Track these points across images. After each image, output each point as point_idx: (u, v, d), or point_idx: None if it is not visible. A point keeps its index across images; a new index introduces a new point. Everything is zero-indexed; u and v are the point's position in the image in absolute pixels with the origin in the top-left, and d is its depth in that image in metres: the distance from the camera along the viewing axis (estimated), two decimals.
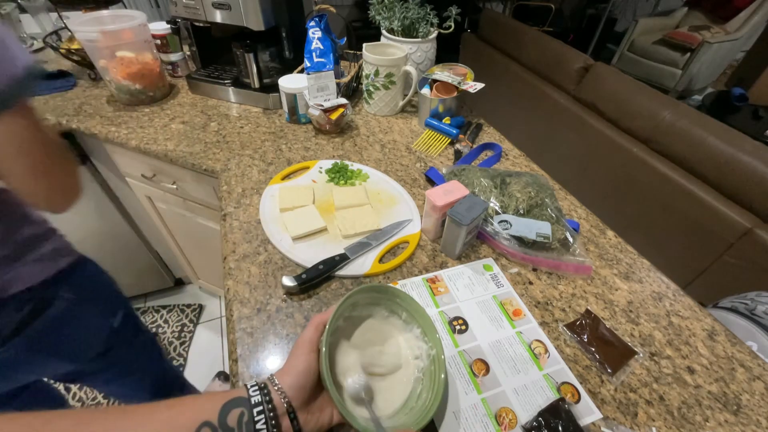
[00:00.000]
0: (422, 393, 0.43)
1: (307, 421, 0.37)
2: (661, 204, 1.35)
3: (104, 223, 1.23)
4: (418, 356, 0.46)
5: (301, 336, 0.40)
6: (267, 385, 0.36)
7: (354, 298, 0.43)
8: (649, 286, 0.61)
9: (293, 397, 0.36)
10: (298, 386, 0.36)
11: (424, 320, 0.45)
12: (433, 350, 0.44)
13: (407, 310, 0.47)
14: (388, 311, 0.47)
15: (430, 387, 0.42)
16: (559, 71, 1.72)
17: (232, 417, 0.33)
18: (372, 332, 0.46)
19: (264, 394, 0.35)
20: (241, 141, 0.89)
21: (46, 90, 1.05)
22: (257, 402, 0.34)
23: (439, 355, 0.43)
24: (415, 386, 0.44)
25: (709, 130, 1.23)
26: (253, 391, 0.35)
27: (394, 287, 0.47)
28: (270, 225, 0.65)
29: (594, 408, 0.46)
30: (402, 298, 0.46)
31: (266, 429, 0.33)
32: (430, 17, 0.99)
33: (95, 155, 1.07)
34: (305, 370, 0.37)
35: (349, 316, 0.45)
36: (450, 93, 0.91)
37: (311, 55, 0.93)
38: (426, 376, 0.44)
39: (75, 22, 0.90)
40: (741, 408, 0.47)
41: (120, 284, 0.78)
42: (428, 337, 0.45)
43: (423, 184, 0.78)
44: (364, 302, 0.46)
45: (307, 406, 0.37)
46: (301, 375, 0.37)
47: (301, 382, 0.36)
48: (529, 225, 0.63)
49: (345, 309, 0.42)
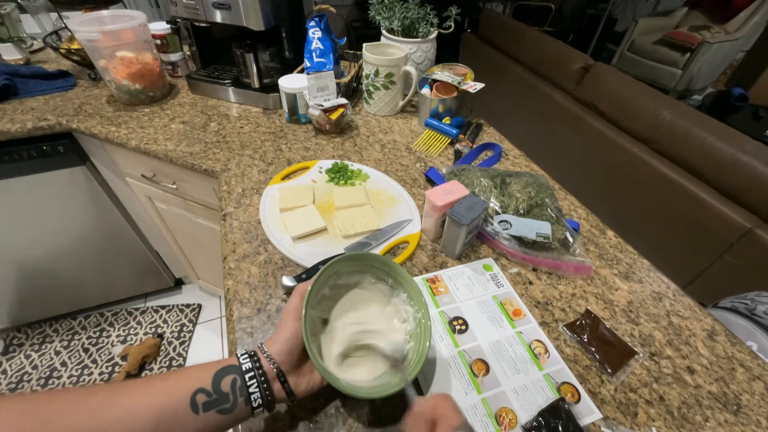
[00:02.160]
0: (408, 354, 0.44)
1: (298, 383, 0.39)
2: (661, 204, 1.35)
3: (104, 223, 1.23)
4: (405, 320, 0.47)
5: (288, 304, 0.42)
6: (256, 353, 0.38)
7: (335, 267, 0.44)
8: (649, 286, 0.61)
9: (282, 362, 0.38)
10: (286, 352, 0.38)
11: (410, 285, 0.46)
12: (419, 312, 0.45)
13: (392, 276, 0.48)
14: (375, 278, 0.48)
15: (415, 349, 0.43)
16: (559, 71, 1.72)
17: (225, 383, 0.35)
18: (359, 299, 0.48)
19: (254, 361, 0.37)
20: (241, 141, 0.89)
21: (46, 90, 1.05)
22: (248, 368, 0.36)
23: (426, 318, 0.44)
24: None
25: (709, 130, 1.23)
26: (243, 359, 0.37)
27: (375, 255, 0.47)
28: (270, 225, 0.65)
29: (594, 408, 0.46)
30: (385, 264, 0.47)
31: (259, 392, 0.36)
32: (430, 17, 0.99)
33: (95, 155, 1.07)
34: (292, 336, 0.39)
35: (335, 284, 0.47)
36: (450, 93, 0.91)
37: (311, 55, 0.93)
38: (413, 338, 0.45)
39: (75, 22, 0.90)
40: (741, 408, 0.47)
41: (120, 284, 0.78)
42: (414, 301, 0.46)
43: (423, 184, 0.78)
44: (348, 270, 0.47)
45: (297, 370, 0.39)
46: (288, 341, 0.39)
47: (288, 348, 0.38)
48: (529, 225, 0.63)
49: (328, 277, 0.44)
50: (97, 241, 1.27)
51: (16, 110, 0.97)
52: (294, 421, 0.43)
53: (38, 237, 1.18)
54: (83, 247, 1.27)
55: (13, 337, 1.48)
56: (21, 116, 0.95)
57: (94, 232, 1.24)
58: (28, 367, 1.40)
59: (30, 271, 1.27)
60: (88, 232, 1.23)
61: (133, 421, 0.31)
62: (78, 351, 1.45)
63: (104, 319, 1.55)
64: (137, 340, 1.49)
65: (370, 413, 0.44)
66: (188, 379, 0.34)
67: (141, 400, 0.32)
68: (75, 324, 1.53)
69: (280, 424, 0.43)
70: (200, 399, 0.33)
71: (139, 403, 0.32)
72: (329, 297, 0.47)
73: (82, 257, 1.30)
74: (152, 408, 0.32)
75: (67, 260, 1.28)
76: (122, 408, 0.31)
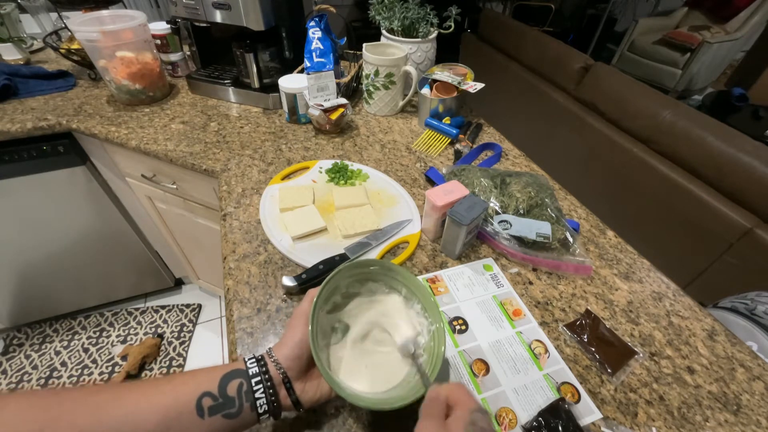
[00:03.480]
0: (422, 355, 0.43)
1: (305, 390, 0.38)
2: (661, 204, 1.35)
3: (104, 223, 1.23)
4: (419, 332, 0.45)
5: (298, 308, 0.41)
6: (264, 358, 0.38)
7: (350, 271, 0.43)
8: (649, 286, 0.61)
9: (289, 368, 0.37)
10: (294, 356, 0.38)
11: (424, 296, 0.45)
12: (434, 325, 0.44)
13: (406, 286, 0.46)
14: (388, 288, 0.47)
15: (428, 361, 0.42)
16: (559, 71, 1.72)
17: (231, 387, 0.35)
18: (371, 309, 0.47)
19: (261, 365, 0.37)
20: (241, 141, 0.89)
21: (46, 90, 1.05)
22: (254, 373, 0.36)
23: (441, 330, 0.43)
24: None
25: (709, 130, 1.23)
26: (250, 363, 0.37)
27: (389, 263, 0.46)
28: (270, 225, 0.65)
29: (594, 408, 0.46)
30: (398, 273, 0.46)
31: (265, 398, 0.35)
32: (430, 17, 0.99)
33: (95, 155, 1.07)
34: (300, 340, 0.38)
35: (348, 293, 0.46)
36: (450, 93, 0.91)
37: (311, 55, 0.93)
38: (426, 351, 0.43)
39: (75, 22, 0.90)
40: (741, 408, 0.47)
41: (120, 284, 0.78)
42: (429, 313, 0.45)
43: (423, 184, 0.78)
44: (360, 277, 0.46)
45: (304, 376, 0.39)
46: (296, 346, 0.38)
47: (296, 353, 0.38)
48: (529, 225, 0.63)
49: (338, 282, 0.43)
50: (97, 241, 1.27)
51: (16, 110, 0.97)
52: (296, 420, 0.43)
53: (38, 237, 1.18)
54: (83, 247, 1.27)
55: (13, 337, 1.48)
56: (21, 116, 0.95)
57: (94, 232, 1.24)
58: (28, 367, 1.40)
59: (30, 271, 1.27)
60: (88, 232, 1.23)
61: (138, 422, 0.31)
62: (78, 351, 1.45)
63: (104, 319, 1.55)
64: (137, 340, 1.49)
65: (370, 413, 0.44)
66: (195, 382, 0.34)
67: (146, 401, 0.32)
68: (75, 324, 1.53)
69: (280, 423, 0.43)
70: (206, 403, 0.33)
71: (144, 405, 0.32)
72: (341, 305, 0.46)
73: (82, 257, 1.30)
74: (158, 409, 0.31)
75: (67, 260, 1.28)
76: (127, 408, 0.31)
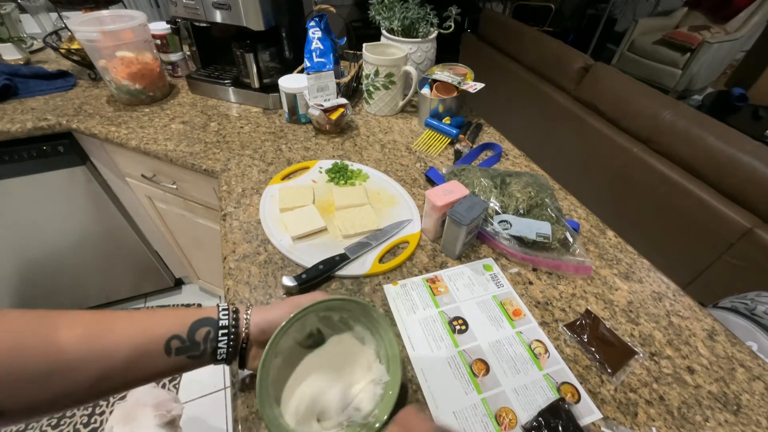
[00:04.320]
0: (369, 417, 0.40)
1: (255, 356, 0.41)
2: (661, 204, 1.35)
3: (104, 224, 1.23)
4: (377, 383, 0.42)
5: (296, 296, 0.44)
6: (239, 312, 0.40)
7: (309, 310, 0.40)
8: (649, 286, 0.61)
9: (253, 333, 0.40)
10: (261, 330, 0.40)
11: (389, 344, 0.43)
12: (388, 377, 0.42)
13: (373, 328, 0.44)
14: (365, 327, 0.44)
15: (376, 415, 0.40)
16: (559, 71, 1.72)
17: (199, 334, 0.37)
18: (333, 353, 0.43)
19: (233, 320, 0.39)
20: (241, 141, 0.89)
21: (46, 90, 1.05)
22: (224, 325, 0.38)
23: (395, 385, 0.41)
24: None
25: (709, 130, 1.23)
26: (222, 314, 0.39)
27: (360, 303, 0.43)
28: (270, 225, 0.65)
29: (594, 408, 0.46)
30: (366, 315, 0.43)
31: (225, 349, 0.38)
32: (430, 17, 0.99)
33: (95, 155, 1.07)
34: (275, 320, 0.40)
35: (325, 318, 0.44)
36: (450, 93, 0.91)
37: (311, 55, 0.93)
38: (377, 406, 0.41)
39: (75, 22, 0.90)
40: (741, 408, 0.47)
41: (120, 284, 0.78)
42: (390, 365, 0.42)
43: (423, 184, 0.78)
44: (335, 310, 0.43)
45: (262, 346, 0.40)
46: (270, 322, 0.40)
47: (265, 327, 0.40)
48: (529, 225, 0.63)
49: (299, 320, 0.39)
50: (97, 241, 1.27)
51: (16, 110, 0.97)
52: None
53: (38, 237, 1.18)
54: (83, 247, 1.27)
55: None
56: (21, 116, 0.95)
57: (94, 232, 1.24)
58: None
59: (30, 271, 1.27)
60: (88, 232, 1.23)
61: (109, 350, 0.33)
62: None
63: None
64: None
65: None
66: (167, 325, 0.36)
67: (118, 336, 0.34)
68: None
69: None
70: (174, 344, 0.36)
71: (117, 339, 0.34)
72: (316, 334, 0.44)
73: (82, 257, 1.30)
74: (128, 346, 0.34)
75: (67, 260, 1.28)
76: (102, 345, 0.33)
